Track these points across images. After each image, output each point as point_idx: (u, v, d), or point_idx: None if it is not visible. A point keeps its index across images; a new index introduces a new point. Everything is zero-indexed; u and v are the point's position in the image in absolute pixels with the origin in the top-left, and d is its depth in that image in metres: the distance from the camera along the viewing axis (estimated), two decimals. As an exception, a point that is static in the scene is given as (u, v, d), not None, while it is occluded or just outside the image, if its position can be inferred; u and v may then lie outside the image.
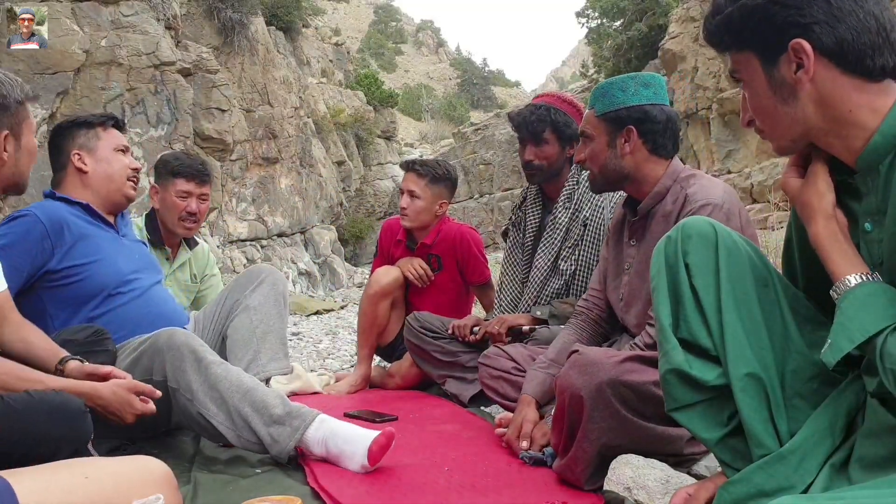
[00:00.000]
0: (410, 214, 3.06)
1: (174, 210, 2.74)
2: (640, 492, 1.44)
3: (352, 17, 56.20)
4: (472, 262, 3.15)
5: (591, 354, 1.59)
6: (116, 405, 1.66)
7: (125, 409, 1.68)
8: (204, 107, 9.46)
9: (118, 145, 2.30)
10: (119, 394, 1.67)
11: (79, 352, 1.83)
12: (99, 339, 1.93)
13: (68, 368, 1.73)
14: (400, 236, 3.20)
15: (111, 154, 2.28)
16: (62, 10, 7.52)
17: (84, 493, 1.05)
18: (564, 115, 2.54)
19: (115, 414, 1.66)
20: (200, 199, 2.79)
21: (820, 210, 1.09)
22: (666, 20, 15.28)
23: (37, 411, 1.40)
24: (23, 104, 1.63)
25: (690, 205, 1.76)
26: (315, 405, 2.60)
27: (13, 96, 1.60)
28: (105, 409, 1.64)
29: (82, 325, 1.98)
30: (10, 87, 1.60)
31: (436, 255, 3.13)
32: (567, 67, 67.75)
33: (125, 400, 1.67)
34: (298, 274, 11.79)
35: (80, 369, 1.72)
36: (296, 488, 1.67)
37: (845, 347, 1.00)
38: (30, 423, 1.38)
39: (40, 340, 1.80)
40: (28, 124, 1.66)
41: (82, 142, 2.26)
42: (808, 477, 1.07)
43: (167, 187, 2.77)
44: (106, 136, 2.29)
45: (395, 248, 3.22)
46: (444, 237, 3.13)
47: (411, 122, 40.04)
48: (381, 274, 3.08)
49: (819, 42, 1.03)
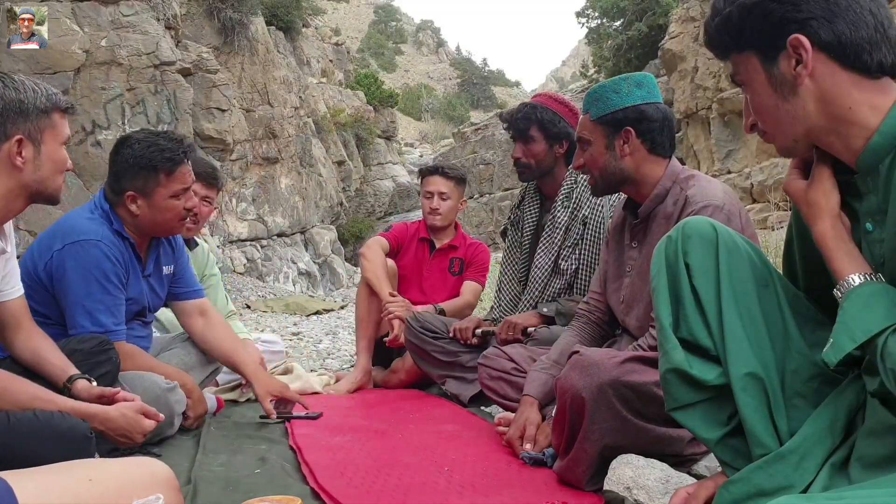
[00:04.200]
0: (444, 213, 3.26)
1: None
2: (640, 492, 1.44)
3: (352, 17, 56.18)
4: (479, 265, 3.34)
5: (593, 355, 1.59)
6: (126, 427, 1.70)
7: (135, 431, 1.71)
8: (204, 107, 9.47)
9: (176, 191, 2.17)
10: (128, 416, 1.70)
11: (83, 361, 1.86)
12: (103, 350, 1.95)
13: (76, 388, 1.74)
14: (423, 234, 3.33)
15: (165, 202, 2.17)
16: (62, 10, 7.51)
17: (88, 495, 1.05)
18: (552, 114, 2.56)
19: (125, 436, 1.70)
20: (204, 201, 2.79)
21: (827, 210, 1.10)
22: (666, 20, 15.28)
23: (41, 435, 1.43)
24: (48, 113, 1.63)
25: (691, 206, 1.76)
26: (315, 405, 2.62)
27: (34, 103, 1.60)
28: (115, 432, 1.68)
29: (88, 335, 1.99)
30: (34, 94, 1.60)
31: (459, 259, 3.32)
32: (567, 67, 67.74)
33: (134, 421, 1.71)
34: (298, 274, 11.79)
35: (89, 391, 1.74)
36: (296, 488, 1.67)
37: (847, 346, 1.00)
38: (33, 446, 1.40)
39: (50, 353, 1.81)
40: (53, 133, 1.64)
41: (139, 185, 2.15)
42: (808, 476, 1.08)
43: None
44: (167, 181, 2.16)
45: (413, 244, 3.33)
46: (468, 243, 3.36)
47: (411, 122, 40.04)
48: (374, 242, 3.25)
49: (817, 37, 1.04)
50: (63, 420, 1.48)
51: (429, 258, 3.30)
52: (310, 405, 2.46)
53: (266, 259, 11.11)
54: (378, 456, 1.93)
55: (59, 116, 1.67)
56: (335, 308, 8.53)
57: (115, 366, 1.98)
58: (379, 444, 2.07)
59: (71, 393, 1.73)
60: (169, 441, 2.14)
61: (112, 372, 1.95)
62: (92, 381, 1.78)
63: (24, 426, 1.42)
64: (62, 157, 1.69)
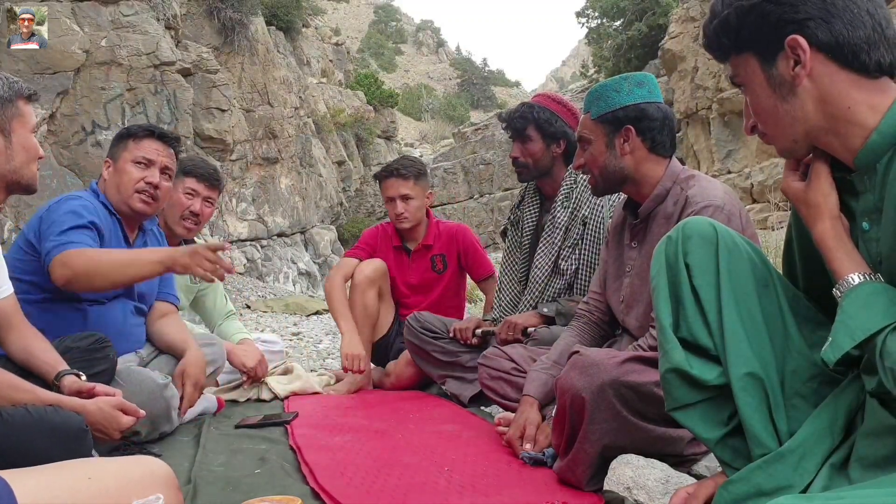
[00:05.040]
0: (411, 215, 3.08)
1: (178, 207, 2.73)
2: (640, 492, 1.44)
3: (352, 17, 56.17)
4: (474, 254, 3.19)
5: (593, 355, 1.59)
6: (102, 422, 1.68)
7: (111, 426, 1.70)
8: (204, 107, 9.47)
9: (137, 157, 2.29)
10: (105, 411, 1.69)
11: (80, 358, 1.85)
12: (100, 347, 1.95)
13: (63, 384, 1.73)
14: (396, 241, 3.20)
15: (126, 165, 2.29)
16: (62, 10, 7.51)
17: (88, 494, 1.05)
18: (549, 113, 2.56)
19: (101, 431, 1.68)
20: (206, 202, 2.79)
21: (827, 210, 1.10)
22: (666, 20, 15.29)
23: (36, 429, 1.42)
24: (12, 101, 1.64)
25: (691, 206, 1.76)
26: (315, 405, 2.62)
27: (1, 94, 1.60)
28: (92, 427, 1.65)
29: (85, 333, 1.99)
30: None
31: (441, 255, 3.16)
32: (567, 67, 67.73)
33: (111, 416, 1.69)
34: (298, 274, 11.79)
35: (70, 386, 1.73)
36: (296, 488, 1.67)
37: (846, 345, 1.00)
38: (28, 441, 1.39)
39: (41, 351, 1.80)
40: (21, 121, 1.66)
41: (114, 151, 2.32)
42: (808, 476, 1.08)
43: (176, 185, 2.76)
44: (134, 147, 2.30)
45: (390, 252, 3.19)
46: (443, 234, 3.18)
47: (411, 122, 40.04)
48: (363, 265, 3.08)
49: (815, 37, 1.05)
50: (56, 414, 1.47)
51: (409, 263, 3.19)
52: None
53: (266, 259, 11.10)
54: (378, 456, 1.93)
55: (24, 103, 1.68)
56: (335, 308, 8.51)
57: (112, 363, 1.97)
58: (379, 444, 2.07)
59: (59, 389, 1.72)
60: (169, 441, 2.14)
61: (109, 370, 1.95)
62: (81, 376, 1.77)
63: (17, 421, 1.40)
64: (33, 145, 1.70)
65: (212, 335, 2.74)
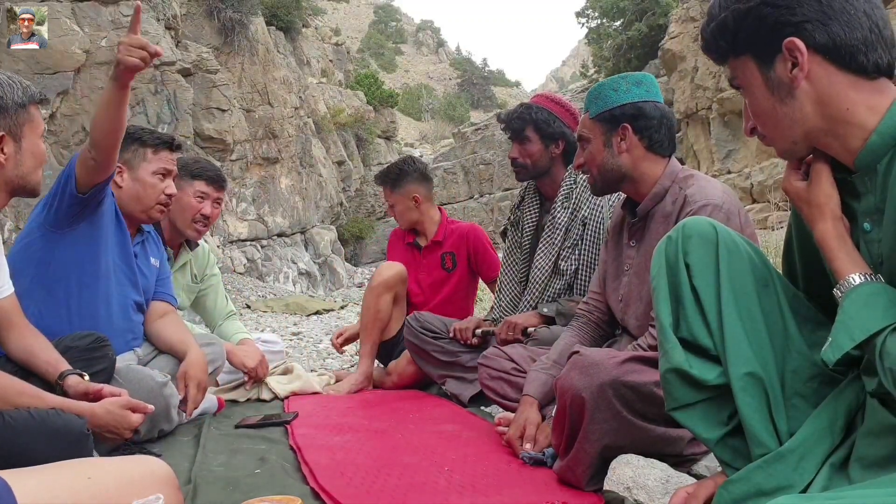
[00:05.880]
0: (398, 221, 3.30)
1: (189, 211, 2.73)
2: (640, 492, 1.44)
3: (352, 17, 56.19)
4: (484, 254, 3.24)
5: (592, 355, 1.59)
6: (113, 424, 1.69)
7: (121, 426, 1.71)
8: (204, 107, 9.47)
9: (159, 169, 2.31)
10: (114, 412, 1.69)
11: (79, 357, 1.84)
12: (100, 346, 1.94)
13: (67, 384, 1.74)
14: (408, 238, 3.33)
15: (149, 177, 2.30)
16: (62, 10, 7.52)
17: (88, 494, 1.05)
18: (547, 114, 2.57)
19: (112, 432, 1.70)
20: (215, 204, 2.80)
21: (828, 210, 1.10)
22: (666, 20, 15.30)
23: (37, 432, 1.42)
24: (25, 107, 1.63)
25: (690, 205, 1.76)
26: (315, 405, 2.62)
27: (12, 98, 1.60)
28: (102, 429, 1.67)
29: (84, 333, 1.98)
30: (10, 88, 1.60)
31: (450, 253, 3.22)
32: (567, 67, 67.76)
33: (120, 417, 1.70)
34: (298, 274, 11.79)
35: (76, 387, 1.73)
36: (296, 488, 1.67)
37: (846, 345, 1.00)
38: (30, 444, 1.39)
39: (42, 350, 1.80)
40: (31, 127, 1.65)
41: (128, 157, 2.29)
42: (808, 476, 1.08)
43: (184, 188, 2.75)
44: (154, 158, 2.31)
45: (403, 251, 3.31)
46: (454, 233, 3.26)
47: (411, 122, 40.06)
48: (384, 268, 3.15)
49: (812, 39, 1.05)
50: (58, 417, 1.47)
51: (420, 259, 3.27)
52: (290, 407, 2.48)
53: (266, 259, 11.11)
54: (378, 456, 1.93)
55: (35, 109, 1.67)
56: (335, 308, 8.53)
57: (111, 362, 1.96)
58: (379, 444, 2.07)
59: (63, 389, 1.72)
60: (169, 441, 2.14)
61: (108, 369, 1.94)
62: (84, 375, 1.77)
63: (19, 425, 1.41)
64: (41, 151, 1.70)
65: (211, 335, 2.74)
